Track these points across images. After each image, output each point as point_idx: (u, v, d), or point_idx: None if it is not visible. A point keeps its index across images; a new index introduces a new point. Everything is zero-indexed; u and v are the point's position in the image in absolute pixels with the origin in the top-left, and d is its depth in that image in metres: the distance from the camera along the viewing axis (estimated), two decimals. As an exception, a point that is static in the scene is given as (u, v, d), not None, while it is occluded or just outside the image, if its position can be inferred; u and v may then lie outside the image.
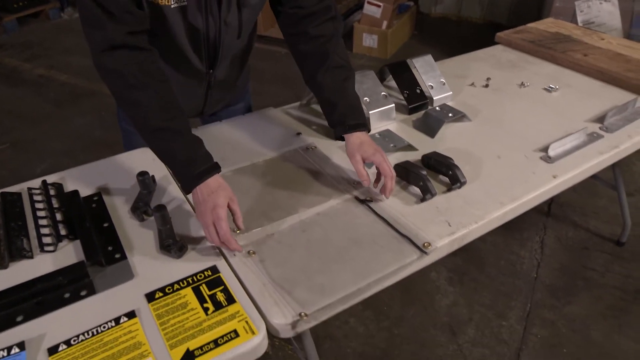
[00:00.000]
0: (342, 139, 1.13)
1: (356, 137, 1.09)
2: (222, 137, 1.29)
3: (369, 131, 1.09)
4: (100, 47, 0.94)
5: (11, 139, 2.99)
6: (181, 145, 0.96)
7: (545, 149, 1.26)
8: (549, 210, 2.24)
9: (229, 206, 0.94)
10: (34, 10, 4.85)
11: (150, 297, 0.86)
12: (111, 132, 2.94)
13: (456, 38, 4.32)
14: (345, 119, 1.11)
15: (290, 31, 1.15)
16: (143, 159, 1.23)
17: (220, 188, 0.95)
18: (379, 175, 1.07)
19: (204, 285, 0.88)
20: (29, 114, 3.28)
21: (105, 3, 0.90)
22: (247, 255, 0.95)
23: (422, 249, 0.96)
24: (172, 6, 1.00)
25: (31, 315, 0.83)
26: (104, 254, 0.94)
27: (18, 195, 1.10)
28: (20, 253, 0.94)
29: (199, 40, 1.09)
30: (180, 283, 0.88)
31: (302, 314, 0.82)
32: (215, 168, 0.97)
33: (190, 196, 1.09)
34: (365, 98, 1.34)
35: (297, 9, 1.12)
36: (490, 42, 1.97)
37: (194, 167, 0.95)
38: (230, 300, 0.85)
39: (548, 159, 1.23)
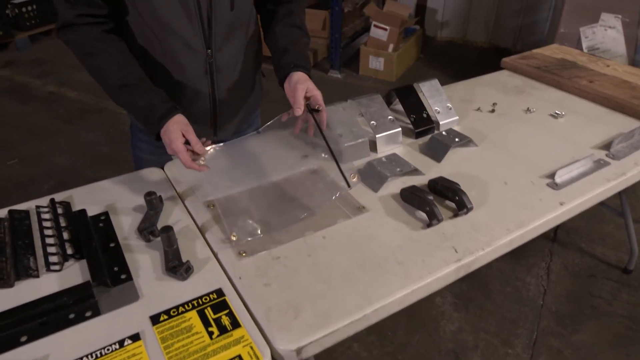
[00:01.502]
0: (282, 86, 1.19)
1: (302, 75, 1.16)
2: (228, 159, 1.30)
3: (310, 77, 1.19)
4: (59, 24, 1.07)
5: (20, 154, 3.02)
6: (139, 97, 1.07)
7: (551, 175, 1.26)
8: (555, 236, 2.23)
9: (184, 137, 1.04)
10: (46, 28, 4.94)
11: (155, 319, 0.85)
12: (118, 149, 2.97)
13: (461, 61, 4.36)
14: (294, 61, 1.18)
15: None
16: (151, 179, 1.23)
17: (172, 122, 1.05)
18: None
19: (209, 308, 0.87)
20: (38, 129, 3.32)
21: None
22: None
23: (348, 183, 1.05)
24: None
25: (35, 335, 0.83)
26: (109, 274, 0.94)
27: (26, 213, 1.11)
28: (26, 272, 0.95)
29: (190, 11, 1.09)
30: (186, 306, 0.88)
31: (307, 340, 0.82)
32: (173, 109, 1.07)
33: (196, 216, 1.10)
34: (372, 122, 1.35)
35: None
36: (495, 65, 1.99)
37: (155, 113, 1.06)
38: (235, 324, 0.84)
39: (555, 186, 1.23)
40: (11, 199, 2.50)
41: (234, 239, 1.02)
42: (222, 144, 1.36)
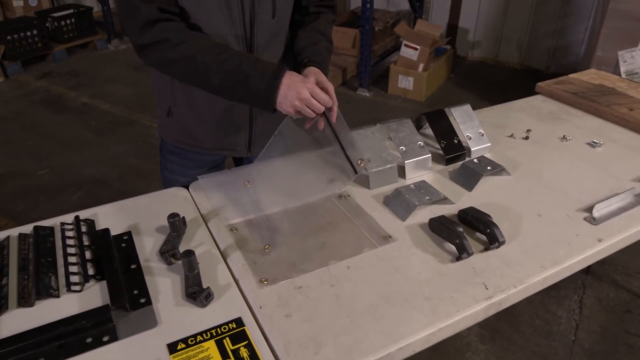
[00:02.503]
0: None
1: (315, 69, 1.15)
2: (254, 182, 1.28)
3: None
4: (139, 27, 1.03)
5: (51, 164, 3.08)
6: (248, 63, 1.05)
7: (589, 209, 1.20)
8: (588, 268, 2.14)
9: (312, 96, 1.05)
10: (83, 41, 5.09)
11: (172, 348, 0.83)
12: (146, 162, 3.01)
13: (493, 82, 4.29)
14: (309, 57, 1.19)
15: (296, 8, 1.27)
16: (175, 199, 1.23)
17: (290, 73, 1.05)
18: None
19: (227, 338, 0.85)
20: (70, 140, 3.39)
21: None
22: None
23: (355, 168, 1.07)
24: None
25: (52, 358, 0.81)
26: (129, 298, 0.92)
27: (50, 229, 1.11)
28: (47, 291, 0.94)
29: (235, 17, 1.11)
30: (204, 335, 0.85)
31: (328, 378, 0.78)
32: (284, 66, 1.07)
33: (219, 240, 1.08)
34: (402, 147, 1.31)
35: None
36: (527, 87, 1.93)
37: (267, 71, 1.05)
38: (254, 357, 0.81)
39: (592, 220, 1.17)
40: (41, 210, 2.54)
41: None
42: (249, 165, 1.34)
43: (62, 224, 1.12)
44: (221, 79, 1.06)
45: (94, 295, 0.94)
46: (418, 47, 3.84)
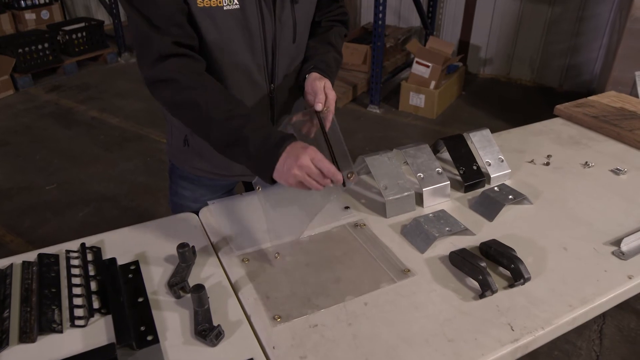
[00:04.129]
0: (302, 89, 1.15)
1: (319, 75, 1.12)
2: (266, 208, 1.24)
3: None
4: (150, 60, 0.98)
5: (59, 180, 3.05)
6: (253, 126, 0.96)
7: (617, 242, 1.14)
8: (608, 295, 2.07)
9: (314, 164, 0.93)
10: (94, 54, 5.10)
11: (180, 392, 0.78)
12: (154, 178, 2.97)
13: (505, 100, 4.24)
14: (315, 64, 1.15)
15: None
16: (184, 226, 1.18)
17: (295, 143, 0.95)
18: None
19: (238, 383, 0.80)
20: (78, 155, 3.37)
21: (152, 17, 0.95)
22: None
23: (344, 182, 0.97)
24: (225, 8, 1.01)
25: (53, 402, 0.77)
26: (135, 335, 0.87)
27: (55, 257, 1.07)
28: (49, 326, 0.90)
29: (257, 46, 1.08)
30: (213, 378, 0.81)
31: None
32: (291, 136, 0.97)
33: (230, 272, 1.04)
34: (420, 174, 1.27)
35: (326, 14, 1.25)
36: (539, 105, 1.90)
37: (270, 140, 0.95)
38: (267, 405, 0.76)
39: (621, 255, 1.11)
40: (46, 226, 2.51)
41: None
42: (259, 189, 1.29)
43: (68, 251, 1.08)
44: (221, 136, 0.99)
45: (99, 331, 0.90)
46: (430, 64, 3.80)
